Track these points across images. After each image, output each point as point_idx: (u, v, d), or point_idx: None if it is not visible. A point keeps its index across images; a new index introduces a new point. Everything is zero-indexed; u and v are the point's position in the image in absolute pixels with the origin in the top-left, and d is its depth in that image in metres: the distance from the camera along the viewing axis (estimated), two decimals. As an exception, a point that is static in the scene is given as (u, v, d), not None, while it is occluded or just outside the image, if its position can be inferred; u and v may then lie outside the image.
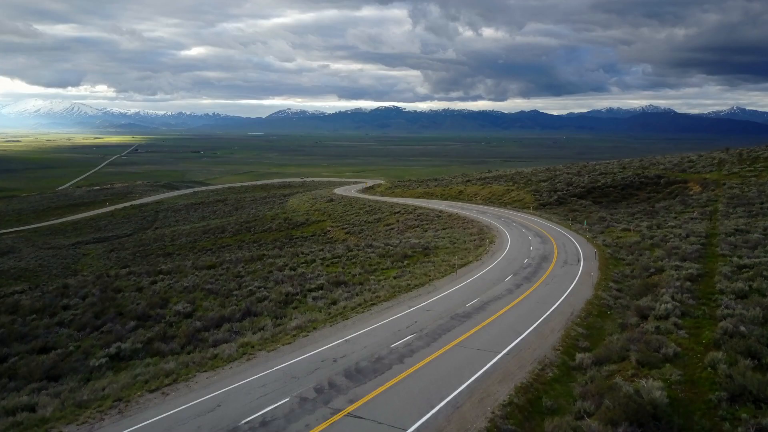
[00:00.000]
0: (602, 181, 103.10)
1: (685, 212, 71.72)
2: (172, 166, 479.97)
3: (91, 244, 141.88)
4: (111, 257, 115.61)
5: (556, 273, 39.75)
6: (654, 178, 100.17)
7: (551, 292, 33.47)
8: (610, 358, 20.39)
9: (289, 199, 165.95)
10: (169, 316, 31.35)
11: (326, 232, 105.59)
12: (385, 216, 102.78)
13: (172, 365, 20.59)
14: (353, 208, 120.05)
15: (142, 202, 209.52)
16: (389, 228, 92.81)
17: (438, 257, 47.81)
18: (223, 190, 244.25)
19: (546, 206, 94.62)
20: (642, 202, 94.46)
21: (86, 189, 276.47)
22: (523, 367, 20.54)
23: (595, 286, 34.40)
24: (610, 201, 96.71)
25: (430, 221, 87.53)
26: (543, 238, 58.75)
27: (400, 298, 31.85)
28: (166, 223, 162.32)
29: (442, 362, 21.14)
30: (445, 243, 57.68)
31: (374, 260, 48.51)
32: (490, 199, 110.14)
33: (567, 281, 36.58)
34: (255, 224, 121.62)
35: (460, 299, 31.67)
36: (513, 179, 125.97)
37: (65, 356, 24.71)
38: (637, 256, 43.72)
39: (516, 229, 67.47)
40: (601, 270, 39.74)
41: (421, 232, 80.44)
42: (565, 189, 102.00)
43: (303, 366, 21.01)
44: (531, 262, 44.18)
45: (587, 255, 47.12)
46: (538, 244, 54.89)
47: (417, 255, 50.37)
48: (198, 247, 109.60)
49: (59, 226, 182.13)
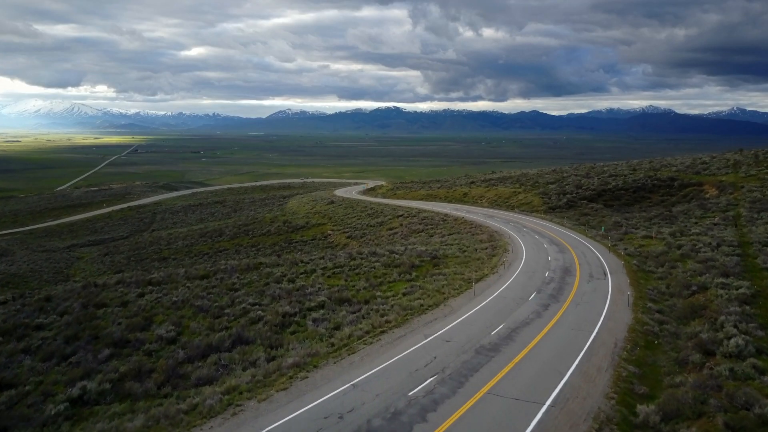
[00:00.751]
0: (613, 183, 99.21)
1: (705, 217, 67.81)
2: (171, 166, 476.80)
3: (86, 247, 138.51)
4: (105, 261, 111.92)
5: (584, 289, 35.87)
6: (667, 180, 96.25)
7: (584, 314, 29.64)
8: (681, 413, 16.49)
9: (289, 201, 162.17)
10: (150, 341, 27.51)
11: (327, 236, 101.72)
12: (387, 219, 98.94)
13: (140, 421, 16.69)
14: (354, 210, 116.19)
15: (140, 204, 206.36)
16: (392, 232, 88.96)
17: (449, 268, 43.83)
18: (222, 191, 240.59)
19: (555, 209, 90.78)
20: (655, 205, 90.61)
21: (84, 190, 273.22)
22: (575, 426, 16.56)
23: (632, 307, 30.56)
24: (622, 204, 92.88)
25: (435, 225, 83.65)
26: (560, 247, 54.76)
27: (414, 323, 27.91)
28: (164, 225, 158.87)
29: (473, 420, 17.19)
30: (454, 251, 53.79)
31: (379, 271, 44.68)
32: (497, 201, 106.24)
33: (599, 300, 32.73)
34: (253, 227, 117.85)
35: (482, 325, 27.73)
36: (519, 181, 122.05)
37: (21, 397, 20.89)
38: (668, 269, 39.70)
39: (529, 236, 63.42)
40: (632, 285, 35.83)
41: (426, 237, 76.55)
42: (574, 192, 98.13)
43: (301, 427, 16.99)
44: (553, 276, 40.25)
45: (613, 267, 43.21)
46: (556, 253, 50.95)
47: (425, 265, 46.53)
48: (194, 251, 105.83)
49: (55, 228, 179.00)
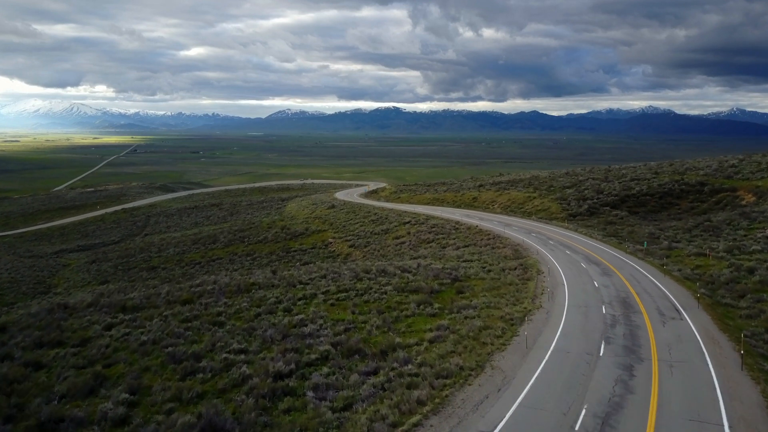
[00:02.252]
0: (636, 188, 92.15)
1: (753, 228, 60.69)
2: (170, 166, 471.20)
3: (74, 253, 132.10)
4: (91, 270, 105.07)
5: (665, 338, 27.97)
6: (696, 185, 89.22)
7: (690, 387, 22.12)
8: None
9: (288, 204, 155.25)
10: (89, 421, 20.42)
11: (328, 244, 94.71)
12: (393, 227, 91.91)
13: None
14: (357, 216, 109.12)
15: (134, 206, 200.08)
16: (399, 242, 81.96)
17: (478, 298, 36.55)
18: (219, 193, 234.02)
19: (576, 217, 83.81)
20: (685, 212, 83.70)
21: (79, 191, 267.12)
22: None
23: (747, 370, 23.29)
24: (648, 211, 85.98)
25: (447, 235, 76.62)
26: (601, 267, 47.14)
27: (456, 406, 20.24)
28: (157, 229, 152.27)
29: None
30: (476, 270, 46.68)
31: (392, 298, 37.67)
32: (510, 207, 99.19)
33: (695, 359, 25.07)
34: (249, 233, 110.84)
35: (555, 408, 20.05)
36: (531, 184, 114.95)
37: None
38: (752, 302, 32.29)
39: (558, 251, 56.03)
40: (720, 329, 28.54)
41: (438, 249, 69.45)
42: (594, 197, 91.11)
43: None
44: (614, 314, 32.39)
45: (681, 299, 35.21)
46: (601, 276, 43.26)
47: (447, 290, 39.49)
48: (186, 260, 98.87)
49: (46, 231, 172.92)
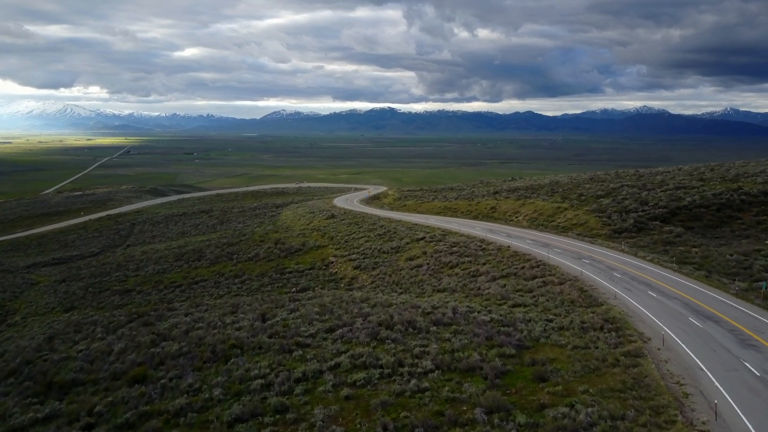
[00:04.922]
0: (687, 198, 79.59)
1: None
2: (163, 168, 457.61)
3: (47, 267, 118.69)
4: (59, 291, 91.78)
5: None
6: (759, 195, 76.83)
7: None
8: None
9: (283, 212, 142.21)
10: None
11: (329, 264, 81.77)
12: (405, 244, 79.11)
13: None
14: (360, 228, 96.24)
15: (120, 212, 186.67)
16: (414, 264, 69.14)
17: (577, 396, 23.43)
18: (211, 198, 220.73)
19: (622, 234, 71.14)
20: (750, 228, 71.36)
21: (66, 195, 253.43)
22: None
23: None
24: (704, 226, 73.47)
25: (473, 258, 63.74)
26: (723, 325, 34.16)
27: None
28: (141, 239, 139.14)
29: None
30: (541, 325, 33.77)
31: (437, 389, 24.90)
32: (538, 220, 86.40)
33: None
34: (239, 248, 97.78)
35: None
36: (556, 192, 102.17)
37: None
38: None
39: (640, 292, 42.68)
40: None
41: (467, 279, 56.58)
42: (639, 209, 78.49)
43: None
44: None
45: None
46: (740, 348, 30.26)
47: (518, 374, 26.62)
48: (165, 281, 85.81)
49: (23, 241, 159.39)
